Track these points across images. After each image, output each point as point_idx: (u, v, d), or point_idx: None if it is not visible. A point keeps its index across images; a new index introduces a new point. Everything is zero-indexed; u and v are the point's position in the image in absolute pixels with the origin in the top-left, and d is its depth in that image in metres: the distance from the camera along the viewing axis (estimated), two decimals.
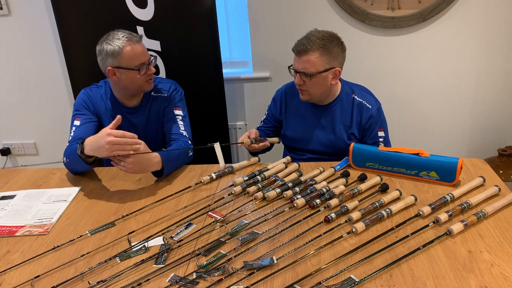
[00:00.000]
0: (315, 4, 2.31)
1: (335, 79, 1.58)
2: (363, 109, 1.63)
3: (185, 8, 2.05)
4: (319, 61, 1.51)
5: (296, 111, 1.74)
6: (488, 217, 1.15)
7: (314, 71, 1.52)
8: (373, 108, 1.62)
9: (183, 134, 1.68)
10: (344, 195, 1.28)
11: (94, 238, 1.18)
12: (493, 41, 2.30)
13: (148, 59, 1.60)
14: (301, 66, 1.53)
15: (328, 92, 1.63)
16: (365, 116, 1.62)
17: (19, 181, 1.57)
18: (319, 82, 1.55)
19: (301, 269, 0.99)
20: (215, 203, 1.31)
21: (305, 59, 1.51)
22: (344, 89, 1.67)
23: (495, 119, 2.50)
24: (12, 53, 2.57)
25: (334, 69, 1.55)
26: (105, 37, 1.57)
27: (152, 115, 1.75)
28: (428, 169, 1.35)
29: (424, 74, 2.43)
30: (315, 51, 1.49)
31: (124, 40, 1.53)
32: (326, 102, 1.67)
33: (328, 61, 1.52)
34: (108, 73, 1.59)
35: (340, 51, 1.55)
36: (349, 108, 1.65)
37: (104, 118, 1.72)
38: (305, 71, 1.52)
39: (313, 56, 1.50)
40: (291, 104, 1.75)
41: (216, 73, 2.19)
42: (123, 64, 1.55)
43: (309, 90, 1.58)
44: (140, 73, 1.58)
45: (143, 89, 1.66)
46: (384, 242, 1.07)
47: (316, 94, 1.60)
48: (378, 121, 1.63)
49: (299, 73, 1.55)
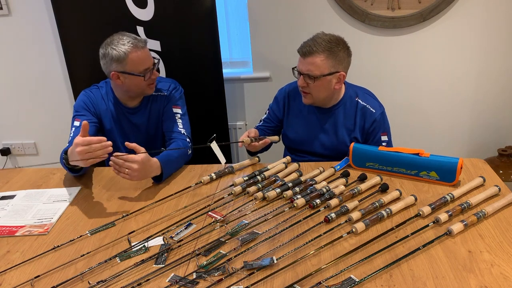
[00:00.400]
0: (315, 4, 2.31)
1: (339, 84, 1.57)
2: (367, 113, 1.61)
3: (185, 8, 2.05)
4: (324, 64, 1.49)
5: (298, 113, 1.73)
6: (488, 217, 1.15)
7: (318, 73, 1.50)
8: (377, 113, 1.61)
9: (181, 132, 1.68)
10: (344, 195, 1.28)
11: (94, 238, 1.18)
12: (493, 41, 2.30)
13: (153, 64, 1.61)
14: (305, 68, 1.52)
15: (331, 96, 1.61)
16: (368, 121, 1.61)
17: (19, 181, 1.57)
18: (323, 85, 1.54)
19: (301, 269, 0.99)
20: (215, 203, 1.31)
21: (310, 60, 1.50)
22: (348, 92, 1.65)
23: (495, 119, 2.50)
24: (12, 53, 2.56)
25: (339, 74, 1.53)
26: (109, 41, 1.56)
27: (153, 114, 1.75)
28: (428, 169, 1.35)
29: (424, 74, 2.43)
30: (320, 54, 1.48)
31: (129, 46, 1.52)
32: (329, 105, 1.65)
33: (333, 64, 1.51)
34: (112, 77, 1.59)
35: (346, 55, 1.54)
36: (352, 112, 1.63)
37: (104, 118, 1.72)
38: (309, 73, 1.51)
39: (318, 59, 1.49)
40: (294, 105, 1.74)
41: (216, 73, 2.19)
42: (128, 69, 1.55)
43: (312, 93, 1.57)
44: (145, 78, 1.58)
45: (144, 93, 1.67)
46: (384, 242, 1.07)
47: (319, 97, 1.58)
48: (382, 125, 1.62)
49: (303, 75, 1.54)
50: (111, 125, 1.74)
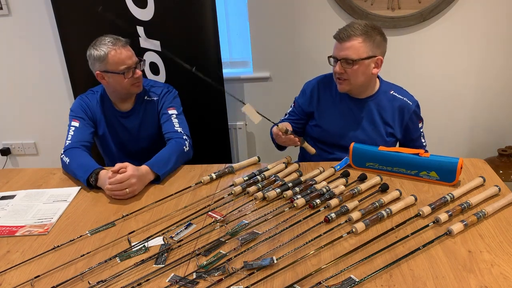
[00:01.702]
0: (315, 4, 2.31)
1: (377, 69, 1.55)
2: (404, 107, 1.61)
3: (185, 8, 2.05)
4: (362, 47, 1.48)
5: (331, 103, 1.69)
6: (488, 217, 1.15)
7: (356, 57, 1.48)
8: (414, 104, 1.63)
9: (178, 131, 1.69)
10: (344, 195, 1.28)
11: (94, 238, 1.18)
12: (493, 41, 2.30)
13: (134, 63, 1.63)
14: (343, 53, 1.50)
15: (368, 83, 1.59)
16: (407, 113, 1.61)
17: (19, 181, 1.57)
18: (361, 70, 1.51)
19: (301, 269, 0.99)
20: (215, 203, 1.31)
21: (348, 45, 1.48)
22: (382, 86, 1.65)
23: (495, 119, 2.50)
24: (12, 53, 2.56)
25: (377, 58, 1.52)
26: (93, 42, 1.61)
27: (145, 119, 1.77)
28: (428, 169, 1.35)
29: (424, 74, 2.43)
30: (358, 37, 1.47)
31: (109, 45, 1.57)
32: (364, 95, 1.63)
33: (371, 48, 1.49)
34: (97, 77, 1.64)
35: (383, 40, 1.53)
36: (389, 105, 1.62)
37: (99, 123, 1.75)
38: (347, 57, 1.49)
39: (356, 41, 1.47)
40: (325, 96, 1.70)
41: (216, 73, 2.19)
42: (109, 68, 1.59)
43: (351, 79, 1.53)
44: (126, 76, 1.60)
45: (130, 92, 1.68)
46: (384, 242, 1.07)
47: (357, 83, 1.55)
48: (419, 115, 1.66)
49: (340, 61, 1.52)
50: (105, 130, 1.77)
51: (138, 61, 1.65)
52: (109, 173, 1.38)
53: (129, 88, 1.65)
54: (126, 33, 1.78)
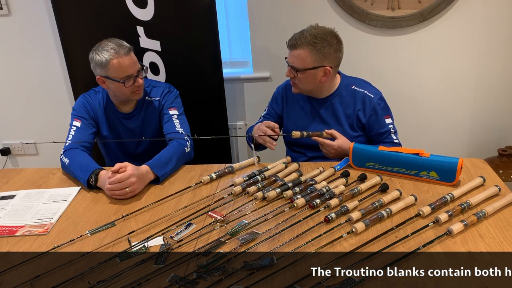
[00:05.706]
0: (315, 4, 2.30)
1: (326, 77, 1.58)
2: (365, 99, 1.62)
3: (185, 8, 2.05)
4: (308, 58, 1.52)
5: (295, 103, 1.75)
6: (488, 217, 1.15)
7: (301, 67, 1.54)
8: (375, 98, 1.62)
9: (179, 132, 1.69)
10: (344, 195, 1.28)
11: (94, 238, 1.18)
12: (493, 41, 2.30)
13: (136, 71, 1.61)
14: (291, 60, 1.57)
15: (320, 88, 1.63)
16: (368, 106, 1.61)
17: (19, 181, 1.57)
18: (308, 78, 1.57)
19: (301, 269, 0.99)
20: (215, 203, 1.31)
21: (295, 53, 1.54)
22: (343, 82, 1.67)
23: (495, 119, 2.50)
24: (12, 53, 2.56)
25: (324, 68, 1.55)
26: (97, 45, 1.60)
27: (147, 119, 1.77)
28: (428, 169, 1.35)
29: (424, 74, 2.42)
30: (304, 48, 1.51)
31: (111, 53, 1.55)
32: (322, 95, 1.67)
33: (317, 59, 1.52)
34: (98, 81, 1.63)
35: (333, 51, 1.54)
36: (350, 100, 1.64)
37: (101, 123, 1.75)
38: (294, 65, 1.55)
39: (302, 51, 1.52)
40: (292, 98, 1.76)
41: (216, 73, 2.19)
42: (110, 75, 1.59)
43: (299, 84, 1.60)
44: (126, 85, 1.60)
45: (130, 98, 1.69)
46: (384, 242, 1.07)
47: (305, 89, 1.62)
48: (383, 109, 1.63)
49: (289, 66, 1.58)
50: (107, 130, 1.77)
51: (140, 69, 1.64)
52: (108, 173, 1.38)
53: (129, 95, 1.65)
54: (126, 33, 1.78)
